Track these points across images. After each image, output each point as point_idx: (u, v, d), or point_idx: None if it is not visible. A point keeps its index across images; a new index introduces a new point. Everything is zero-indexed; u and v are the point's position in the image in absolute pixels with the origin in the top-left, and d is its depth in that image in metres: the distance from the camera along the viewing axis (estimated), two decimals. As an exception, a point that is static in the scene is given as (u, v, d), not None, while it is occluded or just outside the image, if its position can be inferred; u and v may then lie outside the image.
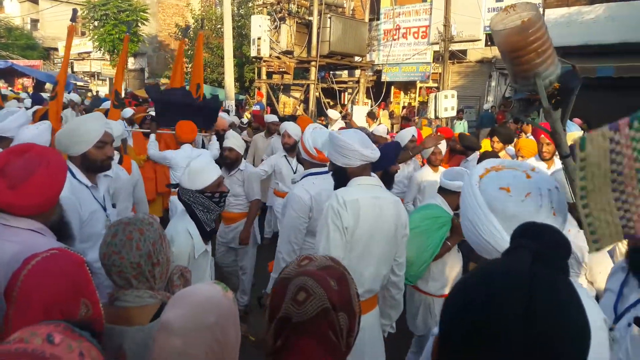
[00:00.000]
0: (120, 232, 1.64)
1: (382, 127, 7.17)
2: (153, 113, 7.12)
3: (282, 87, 16.00)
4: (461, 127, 14.28)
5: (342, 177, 2.59)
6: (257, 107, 12.44)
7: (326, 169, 3.16)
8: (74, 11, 5.61)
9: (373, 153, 2.54)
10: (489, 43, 16.07)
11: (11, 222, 1.74)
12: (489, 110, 15.61)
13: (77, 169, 2.67)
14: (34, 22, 38.13)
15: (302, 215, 3.01)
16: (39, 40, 36.09)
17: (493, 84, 16.85)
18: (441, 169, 4.98)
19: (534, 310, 0.76)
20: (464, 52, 16.87)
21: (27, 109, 9.56)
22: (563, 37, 13.98)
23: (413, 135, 5.37)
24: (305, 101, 15.52)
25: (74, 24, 5.36)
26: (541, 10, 14.63)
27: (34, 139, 3.15)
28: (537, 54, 1.66)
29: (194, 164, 2.64)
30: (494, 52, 16.30)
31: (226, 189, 2.72)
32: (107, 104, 8.18)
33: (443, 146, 5.10)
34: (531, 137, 7.97)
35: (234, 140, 4.62)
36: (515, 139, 7.73)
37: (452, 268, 3.34)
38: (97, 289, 1.47)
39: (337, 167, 2.59)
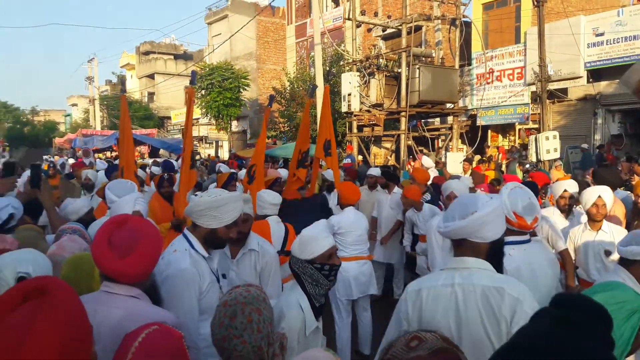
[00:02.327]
0: (239, 313, 1.60)
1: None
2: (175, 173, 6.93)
3: (373, 139, 16.19)
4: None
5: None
6: (347, 160, 12.63)
7: (527, 237, 2.79)
8: (193, 74, 5.52)
9: (439, 227, 2.16)
10: (591, 80, 15.17)
11: (114, 290, 1.84)
12: (589, 150, 14.55)
13: (195, 239, 2.61)
14: (151, 95, 42.44)
15: None
16: (155, 110, 39.97)
17: (599, 121, 15.74)
18: (610, 226, 4.06)
19: None
20: (565, 90, 16.05)
21: (154, 174, 10.39)
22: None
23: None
24: (397, 151, 15.52)
25: (193, 86, 5.35)
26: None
27: (123, 207, 3.35)
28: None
29: (306, 231, 2.50)
30: (597, 88, 15.34)
31: (338, 261, 2.48)
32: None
33: (608, 196, 4.03)
34: (645, 177, 7.26)
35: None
36: (637, 179, 7.01)
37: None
38: None
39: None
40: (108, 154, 26.43)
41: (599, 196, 3.95)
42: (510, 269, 2.50)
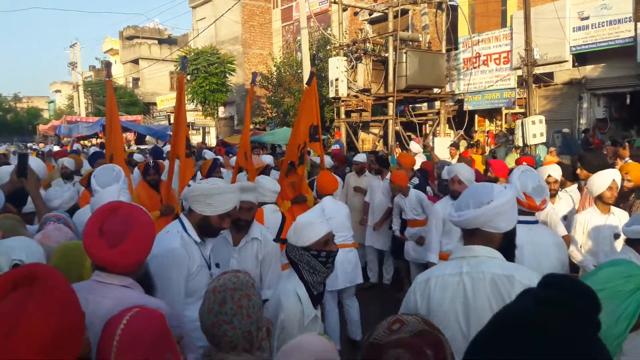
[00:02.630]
0: (229, 299, 1.61)
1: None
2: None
3: (361, 124, 16.18)
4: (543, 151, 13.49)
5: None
6: (336, 146, 12.64)
7: (534, 218, 2.87)
8: (184, 60, 5.49)
9: (451, 216, 2.12)
10: (577, 64, 15.26)
11: (106, 280, 1.81)
12: (570, 134, 14.68)
13: (189, 224, 2.66)
14: (135, 80, 41.88)
15: None
16: (140, 96, 39.46)
17: (585, 105, 15.87)
18: (616, 209, 4.12)
19: None
20: (551, 75, 16.13)
21: (136, 162, 10.22)
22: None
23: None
24: (385, 136, 15.54)
25: (184, 73, 5.28)
26: (632, 24, 13.75)
27: (106, 197, 3.15)
28: None
29: (301, 218, 2.44)
30: (582, 72, 15.44)
31: (335, 247, 2.43)
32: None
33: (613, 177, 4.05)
34: (630, 161, 7.34)
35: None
36: (621, 163, 7.06)
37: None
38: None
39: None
40: (94, 140, 26.11)
41: (614, 179, 3.98)
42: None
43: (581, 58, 15.37)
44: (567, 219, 4.85)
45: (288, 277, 2.41)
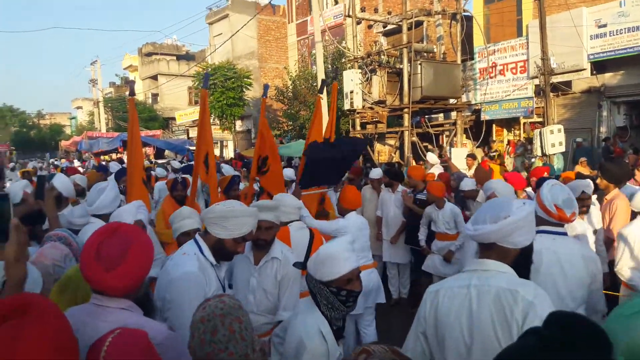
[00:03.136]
0: (220, 326, 1.57)
1: (470, 181, 6.52)
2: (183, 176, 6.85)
3: (376, 136, 16.13)
4: (559, 162, 13.29)
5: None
6: (352, 158, 12.55)
7: (563, 230, 2.88)
8: (207, 76, 5.54)
9: (468, 230, 2.07)
10: (595, 72, 15.05)
11: (104, 302, 1.78)
12: (584, 143, 14.43)
13: (205, 245, 2.60)
14: (154, 96, 42.53)
15: None
16: (159, 112, 40.01)
17: (604, 113, 15.61)
18: None
19: None
20: (568, 83, 15.92)
21: (157, 177, 10.31)
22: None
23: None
24: (401, 147, 15.47)
25: (206, 88, 5.28)
26: None
27: (123, 216, 3.30)
28: None
29: (325, 249, 2.20)
30: (601, 80, 15.21)
31: (359, 287, 2.18)
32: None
33: None
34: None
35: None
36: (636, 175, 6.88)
37: None
38: None
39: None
40: (114, 155, 26.51)
41: None
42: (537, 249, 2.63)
43: (599, 66, 15.16)
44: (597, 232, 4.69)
45: (308, 310, 2.20)
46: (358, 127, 15.67)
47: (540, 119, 15.42)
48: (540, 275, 2.63)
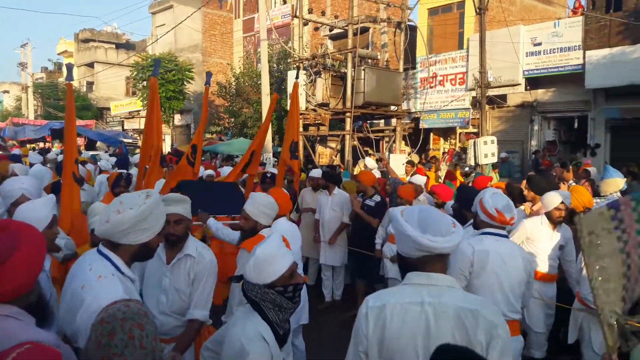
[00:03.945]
0: (119, 329, 1.44)
1: (420, 178, 6.60)
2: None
3: (318, 138, 16.14)
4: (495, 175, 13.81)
5: (402, 270, 2.00)
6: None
7: (505, 232, 3.26)
8: (157, 63, 5.26)
9: (434, 242, 1.81)
10: (529, 87, 15.76)
11: None
12: (512, 158, 15.22)
13: (119, 259, 2.21)
14: (90, 84, 40.61)
15: (462, 269, 3.07)
16: (94, 101, 38.24)
17: (536, 127, 16.41)
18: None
19: None
20: (504, 97, 16.59)
21: (101, 170, 9.76)
22: (607, 78, 13.55)
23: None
24: (342, 151, 15.55)
25: (156, 76, 5.01)
26: (581, 52, 14.32)
27: (29, 215, 2.72)
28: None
29: (260, 252, 2.14)
30: (534, 95, 15.94)
31: (301, 279, 2.21)
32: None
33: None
34: (573, 184, 7.54)
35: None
36: (564, 187, 7.21)
37: None
38: None
39: (399, 256, 2.00)
40: (40, 144, 25.02)
41: (562, 201, 4.37)
42: (479, 249, 3.08)
43: (533, 82, 15.89)
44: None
45: (247, 317, 2.13)
46: (301, 129, 15.58)
47: (476, 130, 15.97)
48: (486, 272, 3.06)
